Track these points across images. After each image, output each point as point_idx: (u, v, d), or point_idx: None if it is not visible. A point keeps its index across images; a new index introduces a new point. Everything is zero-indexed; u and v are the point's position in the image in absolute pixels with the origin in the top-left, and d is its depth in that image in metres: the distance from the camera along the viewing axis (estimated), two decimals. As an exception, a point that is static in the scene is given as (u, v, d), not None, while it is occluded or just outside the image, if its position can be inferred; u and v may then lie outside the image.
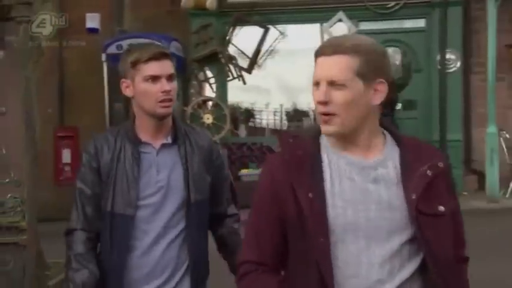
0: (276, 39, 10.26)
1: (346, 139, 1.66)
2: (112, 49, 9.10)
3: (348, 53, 1.60)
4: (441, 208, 1.63)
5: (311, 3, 9.72)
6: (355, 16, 9.88)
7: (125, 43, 7.97)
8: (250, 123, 11.40)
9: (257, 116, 11.52)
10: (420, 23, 10.22)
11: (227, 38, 10.22)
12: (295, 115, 11.30)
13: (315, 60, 1.65)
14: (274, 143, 9.89)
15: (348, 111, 1.61)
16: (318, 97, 1.62)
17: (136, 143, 2.21)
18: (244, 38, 10.43)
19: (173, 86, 2.20)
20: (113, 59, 8.72)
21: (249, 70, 10.38)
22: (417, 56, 10.39)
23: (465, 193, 9.44)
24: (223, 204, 2.41)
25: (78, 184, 2.23)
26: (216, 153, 2.38)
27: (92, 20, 9.74)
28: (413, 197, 1.60)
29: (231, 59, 10.29)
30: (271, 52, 10.31)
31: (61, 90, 10.19)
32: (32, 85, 2.70)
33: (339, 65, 1.60)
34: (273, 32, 10.25)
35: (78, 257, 2.16)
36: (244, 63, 10.40)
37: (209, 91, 10.40)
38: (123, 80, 2.22)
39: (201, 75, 10.25)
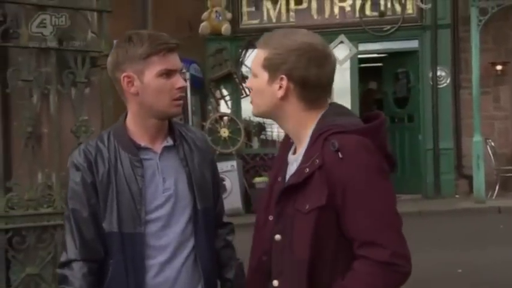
0: (284, 60, 10.95)
1: None
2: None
3: (260, 47, 1.68)
4: (307, 206, 1.57)
5: (315, 28, 9.58)
6: (355, 38, 10.31)
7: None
8: (262, 136, 11.60)
9: (268, 129, 11.65)
10: (413, 43, 10.63)
11: (240, 60, 10.75)
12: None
13: None
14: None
15: (256, 98, 1.71)
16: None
17: (134, 149, 1.85)
18: (255, 60, 11.21)
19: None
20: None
21: (260, 88, 11.18)
22: (411, 74, 10.86)
23: (457, 196, 10.04)
24: (219, 212, 2.06)
25: (71, 205, 1.85)
26: (212, 154, 2.05)
27: (120, 45, 10.53)
28: (279, 195, 1.65)
29: (244, 78, 10.70)
30: (279, 72, 10.99)
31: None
32: (110, 112, 3.48)
33: (255, 57, 1.71)
34: (281, 54, 10.98)
35: None
36: (255, 82, 11.18)
37: (225, 107, 10.86)
38: (125, 74, 1.80)
39: (217, 94, 10.70)
